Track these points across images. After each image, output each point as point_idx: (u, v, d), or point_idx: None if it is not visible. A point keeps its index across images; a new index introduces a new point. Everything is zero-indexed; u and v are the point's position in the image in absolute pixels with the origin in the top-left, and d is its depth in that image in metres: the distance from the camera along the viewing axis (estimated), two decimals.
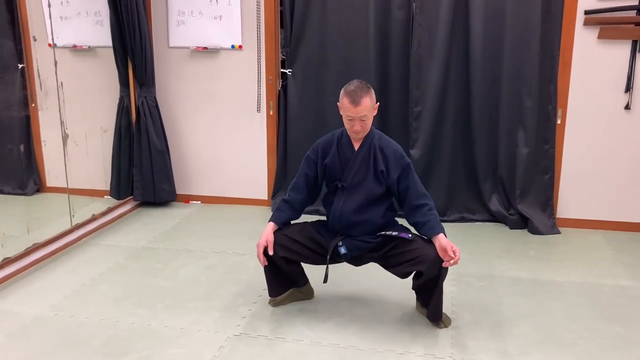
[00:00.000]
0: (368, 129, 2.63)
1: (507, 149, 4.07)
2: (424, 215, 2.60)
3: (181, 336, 2.65)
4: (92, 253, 3.67)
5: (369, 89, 2.56)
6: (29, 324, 2.76)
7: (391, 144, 2.68)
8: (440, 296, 2.66)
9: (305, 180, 2.76)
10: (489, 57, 3.98)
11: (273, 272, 2.82)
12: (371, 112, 2.58)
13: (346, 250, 2.67)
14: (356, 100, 2.50)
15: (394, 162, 2.63)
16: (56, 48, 4.56)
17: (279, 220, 2.73)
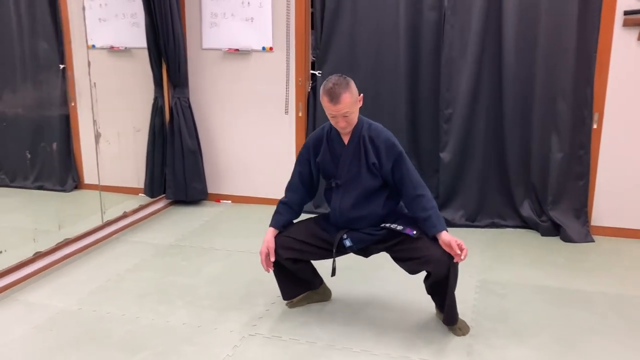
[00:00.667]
0: (354, 123, 2.55)
1: (540, 153, 3.96)
2: (423, 210, 2.52)
3: (197, 334, 2.69)
4: (120, 249, 3.76)
5: (347, 84, 2.47)
6: (54, 317, 2.85)
7: (382, 134, 2.58)
8: (453, 298, 2.60)
9: (300, 178, 2.73)
10: (522, 59, 3.88)
11: (283, 276, 2.82)
12: (354, 106, 2.49)
13: (351, 243, 2.64)
14: (334, 99, 2.43)
15: (386, 152, 2.55)
16: (94, 49, 4.72)
17: (279, 224, 2.71)
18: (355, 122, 2.56)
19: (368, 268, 3.40)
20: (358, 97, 2.54)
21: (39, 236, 3.56)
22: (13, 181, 4.94)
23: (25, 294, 3.10)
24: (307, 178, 2.73)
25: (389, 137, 2.59)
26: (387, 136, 2.59)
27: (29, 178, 4.94)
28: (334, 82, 2.46)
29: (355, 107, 2.51)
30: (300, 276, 2.85)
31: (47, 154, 4.96)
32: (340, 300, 3.00)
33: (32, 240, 3.47)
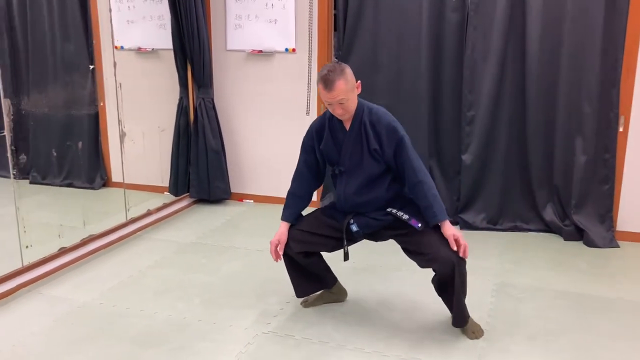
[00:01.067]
0: (352, 110, 2.52)
1: (563, 156, 3.90)
2: (424, 198, 2.50)
3: (212, 331, 2.73)
4: (143, 246, 3.84)
5: (342, 70, 2.44)
6: (75, 311, 2.93)
7: (383, 118, 2.55)
8: (461, 299, 2.58)
9: (306, 166, 2.73)
10: (546, 60, 3.83)
11: (295, 272, 2.84)
12: (350, 93, 2.46)
13: (358, 228, 2.64)
14: (329, 86, 2.41)
15: (387, 138, 2.52)
16: (123, 50, 4.82)
17: (290, 218, 2.73)
18: (353, 108, 2.53)
19: (385, 269, 3.40)
20: (355, 83, 2.51)
21: (65, 232, 3.66)
22: (44, 179, 5.09)
23: (50, 288, 3.19)
24: (313, 164, 2.72)
25: (390, 121, 2.55)
26: (389, 121, 2.55)
27: (59, 176, 5.08)
28: (328, 69, 2.43)
29: (351, 94, 2.48)
30: (313, 271, 2.85)
31: (77, 152, 5.09)
32: (355, 301, 3.02)
33: (57, 236, 3.57)
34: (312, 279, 2.89)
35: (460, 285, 2.54)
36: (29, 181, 5.08)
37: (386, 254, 3.59)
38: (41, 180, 5.07)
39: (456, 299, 2.56)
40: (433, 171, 4.24)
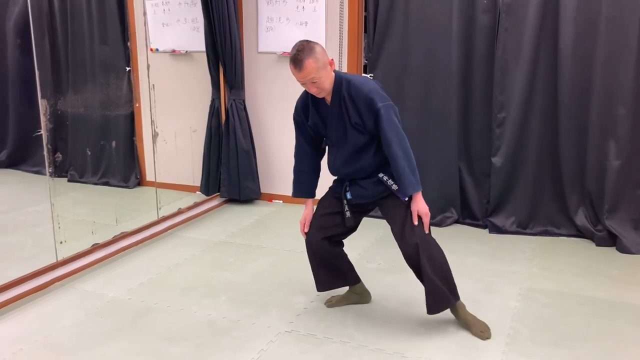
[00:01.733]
0: (326, 87, 2.49)
1: (596, 160, 3.82)
2: (395, 171, 2.52)
3: (235, 328, 2.78)
4: (173, 244, 3.92)
5: (311, 49, 2.40)
6: (105, 305, 3.02)
7: (361, 90, 2.50)
8: (434, 284, 2.58)
9: (303, 139, 2.76)
10: (580, 61, 3.76)
11: (317, 265, 2.85)
12: (320, 71, 2.42)
13: (351, 196, 2.68)
14: (298, 65, 2.39)
15: (366, 110, 2.50)
16: (158, 52, 4.93)
17: (302, 192, 2.80)
18: (328, 86, 2.50)
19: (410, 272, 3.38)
20: (327, 61, 2.47)
21: (98, 229, 3.77)
22: (82, 177, 5.24)
23: (82, 282, 3.30)
24: (308, 138, 2.75)
25: (367, 92, 2.49)
26: (366, 92, 2.50)
27: (95, 175, 5.23)
28: (297, 49, 2.41)
29: (322, 71, 2.44)
30: (335, 265, 2.86)
31: (113, 151, 5.23)
32: (378, 302, 3.02)
33: (90, 233, 3.68)
34: (333, 274, 2.89)
35: (430, 268, 2.54)
36: (67, 179, 5.24)
37: None
38: (78, 179, 5.22)
39: (426, 281, 2.57)
40: (462, 173, 4.22)
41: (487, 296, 3.08)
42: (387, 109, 2.48)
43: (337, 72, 2.57)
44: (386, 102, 2.50)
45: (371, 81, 2.62)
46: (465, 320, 2.71)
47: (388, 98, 2.54)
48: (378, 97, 2.49)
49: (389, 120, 2.48)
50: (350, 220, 2.73)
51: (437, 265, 2.58)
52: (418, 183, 2.53)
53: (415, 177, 2.52)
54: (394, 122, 2.50)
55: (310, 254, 2.84)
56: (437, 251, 2.61)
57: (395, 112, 2.53)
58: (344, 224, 2.75)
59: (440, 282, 2.59)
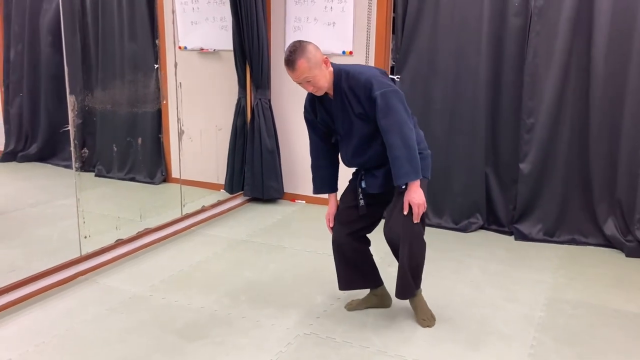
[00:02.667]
0: (323, 85, 2.49)
1: (628, 168, 3.72)
2: (390, 159, 2.49)
3: (254, 328, 2.77)
4: (195, 242, 3.93)
5: (303, 49, 2.41)
6: (127, 301, 3.04)
7: (360, 80, 2.47)
8: (404, 278, 2.62)
9: (315, 135, 2.76)
10: (613, 66, 3.67)
11: (342, 262, 2.84)
12: (314, 70, 2.42)
13: (365, 185, 2.68)
14: (291, 66, 2.41)
15: (365, 99, 2.47)
16: (186, 50, 4.96)
17: (323, 187, 2.80)
18: (324, 84, 2.49)
19: (434, 277, 3.35)
20: (320, 59, 2.46)
21: (122, 224, 3.81)
22: (109, 172, 5.30)
23: (105, 277, 3.33)
24: (320, 133, 2.75)
25: (365, 81, 2.47)
26: (364, 81, 2.47)
27: (122, 170, 5.29)
28: (290, 50, 2.43)
29: (317, 70, 2.44)
30: (360, 265, 2.85)
31: (139, 148, 5.27)
32: (400, 308, 2.98)
33: (115, 228, 3.71)
34: (357, 273, 2.87)
35: (407, 261, 2.57)
36: (95, 174, 5.31)
37: (435, 260, 3.53)
38: (105, 174, 5.29)
39: (400, 269, 2.60)
40: (489, 179, 4.15)
41: (510, 305, 3.02)
42: (385, 96, 2.44)
43: (337, 65, 2.56)
44: (385, 88, 2.46)
45: (372, 68, 2.60)
46: (415, 306, 2.79)
47: (389, 84, 2.50)
48: (377, 84, 2.46)
49: (386, 108, 2.44)
50: (364, 209, 2.72)
51: (413, 261, 2.62)
52: (416, 172, 2.47)
53: (413, 166, 2.46)
54: (392, 108, 2.44)
55: (335, 250, 2.83)
56: (418, 246, 2.61)
57: (398, 97, 2.48)
58: (365, 218, 2.75)
59: (410, 275, 2.64)
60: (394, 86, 2.52)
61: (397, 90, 2.50)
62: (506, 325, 2.80)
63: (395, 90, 2.49)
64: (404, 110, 2.49)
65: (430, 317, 2.78)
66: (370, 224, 2.80)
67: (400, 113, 2.46)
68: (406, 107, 2.51)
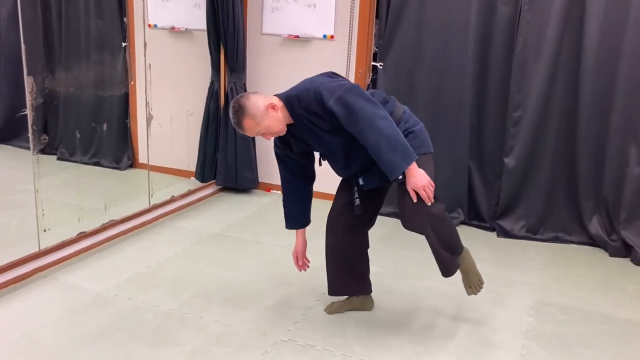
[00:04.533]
0: (280, 129, 2.39)
1: (615, 166, 3.62)
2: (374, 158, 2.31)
3: (228, 334, 2.58)
4: (164, 235, 3.71)
5: (244, 107, 2.31)
6: (89, 301, 2.81)
7: (310, 97, 2.31)
8: (440, 253, 2.45)
9: (286, 172, 2.62)
10: (604, 62, 3.54)
11: (334, 266, 2.69)
12: (263, 122, 2.33)
13: (363, 182, 2.54)
14: (239, 128, 2.37)
15: (324, 113, 2.30)
16: (156, 29, 4.68)
17: (296, 224, 2.70)
18: (281, 125, 2.39)
19: (418, 277, 3.21)
20: (264, 108, 2.33)
21: (85, 215, 3.54)
22: (72, 156, 5.01)
23: (66, 274, 3.09)
24: (293, 169, 2.61)
25: (315, 95, 2.30)
26: (314, 95, 2.30)
27: (86, 154, 5.01)
28: (232, 111, 2.35)
29: (266, 121, 2.33)
30: (353, 267, 2.70)
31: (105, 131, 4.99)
32: (382, 310, 2.83)
33: (77, 220, 3.46)
34: (349, 278, 2.72)
35: (437, 241, 2.42)
36: (57, 157, 5.02)
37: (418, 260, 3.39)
38: (68, 157, 5.01)
39: (434, 253, 2.46)
40: (472, 173, 4.02)
41: (497, 309, 2.90)
42: (339, 101, 2.25)
43: (284, 95, 2.42)
44: (336, 92, 2.27)
45: (317, 77, 2.40)
46: (462, 271, 2.59)
47: (340, 84, 2.32)
48: (326, 92, 2.28)
49: (346, 112, 2.25)
50: (359, 209, 2.58)
51: (443, 240, 2.45)
52: (405, 157, 2.27)
53: (400, 153, 2.26)
54: (353, 109, 2.25)
55: (328, 254, 2.68)
56: (442, 225, 2.42)
57: (353, 92, 2.28)
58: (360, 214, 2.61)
59: (446, 252, 2.47)
60: (345, 83, 2.33)
61: (349, 88, 2.30)
62: (494, 333, 2.67)
63: (348, 88, 2.30)
64: (367, 101, 2.28)
65: (476, 284, 2.59)
66: (367, 219, 2.67)
67: (363, 109, 2.26)
68: (367, 96, 2.31)
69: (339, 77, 2.44)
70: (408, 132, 2.41)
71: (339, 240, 2.66)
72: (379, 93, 2.52)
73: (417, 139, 2.42)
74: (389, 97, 2.50)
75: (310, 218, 2.72)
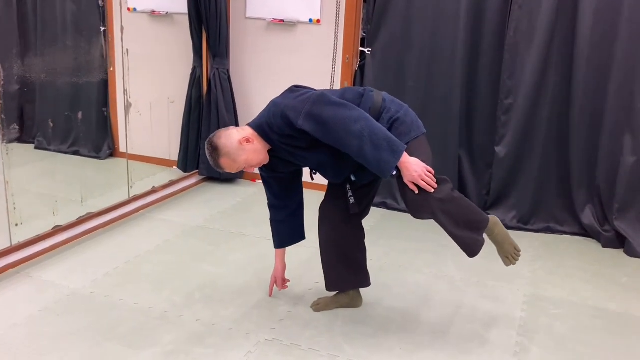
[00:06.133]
0: (259, 160, 2.32)
1: (609, 155, 3.53)
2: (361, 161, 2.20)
3: (210, 334, 2.46)
4: (145, 228, 3.57)
5: (216, 149, 2.26)
6: (64, 300, 2.68)
7: (279, 122, 2.22)
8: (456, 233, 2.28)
9: (271, 194, 2.56)
10: (599, 47, 3.44)
11: (330, 259, 2.58)
12: (241, 157, 2.27)
13: (355, 178, 2.44)
14: (218, 169, 2.33)
15: (297, 133, 2.21)
16: (135, 12, 4.50)
17: (281, 244, 2.67)
18: (261, 156, 2.32)
19: (409, 270, 3.11)
20: (237, 143, 2.26)
21: (61, 208, 3.39)
22: (50, 144, 4.85)
23: (40, 270, 2.94)
24: (280, 191, 2.55)
25: (283, 118, 2.20)
26: (282, 119, 2.20)
27: (65, 142, 4.84)
28: (208, 153, 2.30)
29: (243, 155, 2.27)
30: (349, 255, 2.59)
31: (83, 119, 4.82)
32: (371, 306, 2.72)
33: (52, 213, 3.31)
34: (347, 270, 2.61)
35: (453, 224, 2.26)
36: (34, 146, 4.85)
37: (409, 252, 3.29)
38: (47, 146, 4.84)
39: (452, 237, 2.31)
40: (462, 162, 3.91)
41: (489, 304, 2.80)
42: (308, 117, 2.16)
43: (255, 124, 2.32)
44: (301, 108, 2.17)
45: (279, 100, 2.28)
46: (493, 242, 2.43)
47: (304, 98, 2.20)
48: (292, 112, 2.18)
49: (318, 127, 2.16)
50: (355, 207, 2.48)
51: (460, 222, 2.27)
52: (393, 152, 2.13)
53: (385, 150, 2.13)
54: (324, 122, 2.15)
55: (323, 247, 2.58)
56: (453, 207, 2.25)
57: (320, 103, 2.17)
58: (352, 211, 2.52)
59: (467, 232, 2.31)
60: (310, 96, 2.20)
61: (315, 100, 2.18)
62: (487, 329, 2.57)
63: (314, 101, 2.17)
64: (337, 108, 2.16)
65: (513, 254, 2.43)
66: (362, 209, 2.56)
67: (335, 117, 2.14)
68: (336, 102, 2.18)
69: (302, 89, 2.30)
70: (393, 121, 2.29)
71: (334, 231, 2.55)
72: (351, 89, 2.39)
73: (404, 125, 2.29)
74: (363, 88, 2.38)
75: (302, 234, 2.66)
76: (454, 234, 2.29)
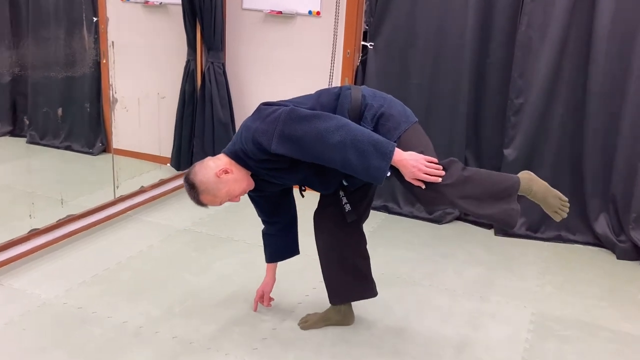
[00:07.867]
0: (242, 189, 2.16)
1: (626, 161, 3.29)
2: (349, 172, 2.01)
3: (186, 353, 2.27)
4: (129, 231, 3.38)
5: (194, 187, 2.12)
6: (33, 311, 2.50)
7: (253, 148, 2.03)
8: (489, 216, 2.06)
9: (261, 213, 2.45)
10: (617, 45, 3.19)
11: (332, 269, 2.39)
12: (221, 190, 2.11)
13: (347, 183, 2.27)
14: (202, 206, 2.22)
15: (274, 157, 2.03)
16: (128, 2, 4.31)
17: (272, 259, 2.51)
18: (242, 184, 2.15)
19: (406, 283, 2.89)
20: (214, 177, 2.09)
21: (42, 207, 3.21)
22: (42, 139, 4.69)
23: (11, 277, 2.76)
24: (271, 208, 2.42)
25: (255, 145, 2.02)
26: (254, 145, 2.02)
27: (58, 137, 4.68)
28: (187, 192, 2.18)
29: (223, 189, 2.11)
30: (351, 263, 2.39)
31: (76, 113, 4.66)
32: (364, 325, 2.51)
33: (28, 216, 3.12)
34: (351, 280, 2.41)
35: (476, 205, 2.00)
36: (27, 140, 4.69)
37: (408, 261, 3.08)
38: (39, 141, 4.68)
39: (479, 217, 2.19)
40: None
41: (492, 323, 2.59)
42: (281, 140, 1.97)
43: (229, 151, 2.15)
44: (274, 130, 1.98)
45: (250, 123, 2.06)
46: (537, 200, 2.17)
47: (273, 119, 1.99)
48: (264, 138, 1.99)
49: (294, 147, 1.97)
50: (352, 215, 2.30)
51: (480, 198, 2.01)
52: (382, 156, 1.92)
53: (373, 155, 1.92)
54: (298, 141, 1.96)
55: (323, 256, 2.39)
56: (469, 186, 1.99)
57: (290, 121, 1.96)
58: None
59: (495, 206, 2.03)
60: (279, 114, 1.99)
61: (285, 118, 1.97)
62: (488, 352, 2.36)
63: (284, 119, 1.97)
64: (309, 121, 1.95)
65: (560, 207, 2.15)
66: (360, 213, 2.38)
67: (310, 134, 1.94)
68: (308, 115, 1.97)
69: (270, 107, 2.06)
70: (377, 117, 2.07)
71: (331, 237, 2.36)
72: (326, 91, 2.18)
73: (391, 119, 2.07)
74: (340, 87, 2.16)
75: (296, 249, 2.53)
76: (481, 215, 2.05)
